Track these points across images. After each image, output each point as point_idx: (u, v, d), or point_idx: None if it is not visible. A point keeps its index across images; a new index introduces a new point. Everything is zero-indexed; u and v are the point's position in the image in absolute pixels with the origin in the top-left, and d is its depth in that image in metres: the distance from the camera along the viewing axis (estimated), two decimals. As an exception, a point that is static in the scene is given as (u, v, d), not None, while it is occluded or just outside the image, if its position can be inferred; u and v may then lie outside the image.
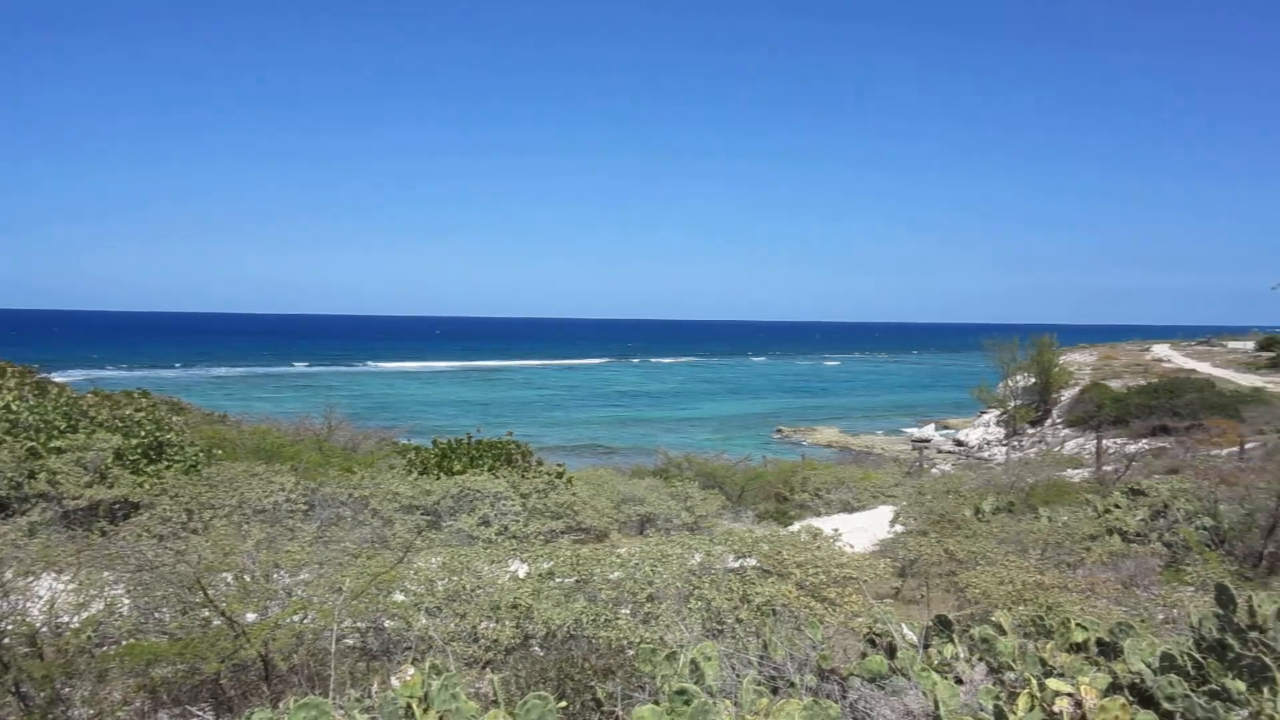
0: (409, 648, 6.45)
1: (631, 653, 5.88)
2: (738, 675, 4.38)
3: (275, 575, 7.01)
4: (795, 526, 11.39)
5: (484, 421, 44.27)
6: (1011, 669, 4.20)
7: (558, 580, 7.29)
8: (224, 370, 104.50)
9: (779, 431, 65.11)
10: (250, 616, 6.27)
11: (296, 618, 6.13)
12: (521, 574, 7.87)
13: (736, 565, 7.97)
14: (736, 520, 20.05)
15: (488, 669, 6.20)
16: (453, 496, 14.62)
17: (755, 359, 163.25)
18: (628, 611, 6.72)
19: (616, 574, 7.18)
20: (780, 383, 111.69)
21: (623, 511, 18.02)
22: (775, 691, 4.37)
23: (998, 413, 51.40)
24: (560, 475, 18.01)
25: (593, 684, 5.24)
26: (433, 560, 8.02)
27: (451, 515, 14.22)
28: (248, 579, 6.81)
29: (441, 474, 16.78)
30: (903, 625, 4.93)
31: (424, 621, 6.52)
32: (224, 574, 6.81)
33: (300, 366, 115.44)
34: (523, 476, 17.05)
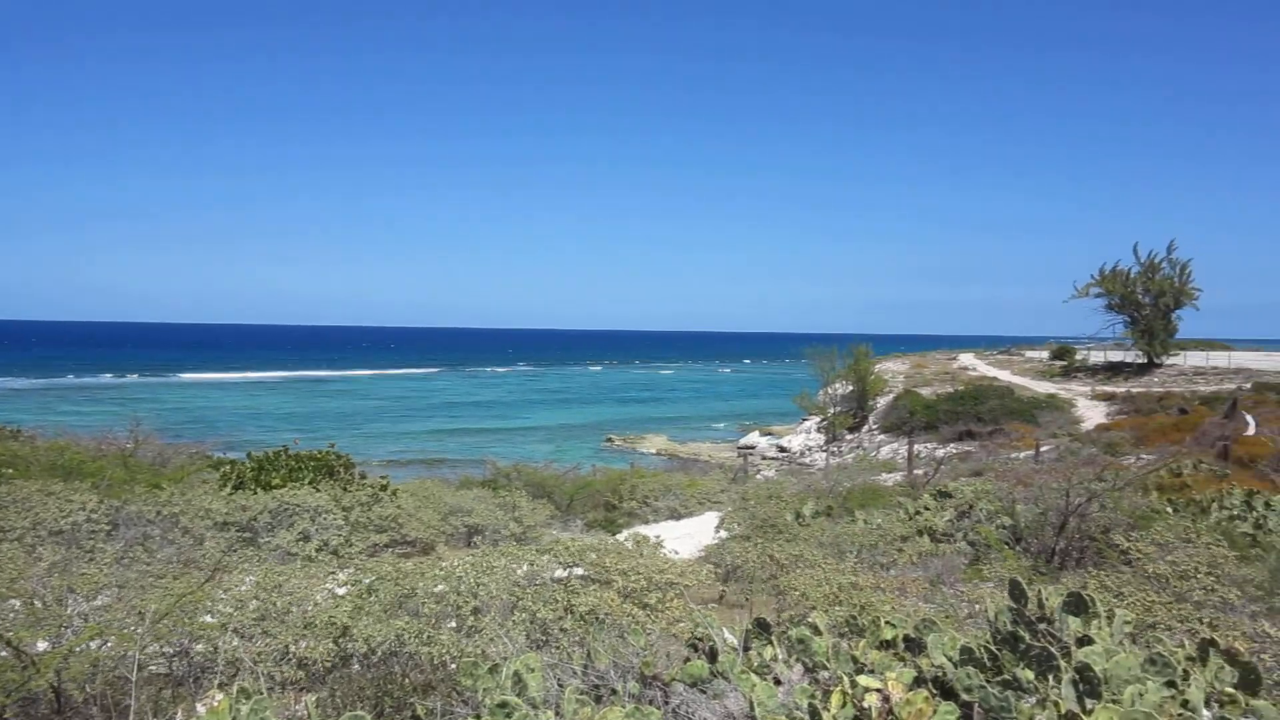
0: (219, 672, 6.15)
1: (454, 667, 5.79)
2: (561, 685, 4.38)
3: (70, 600, 6.58)
4: (623, 534, 11.48)
5: (305, 434, 42.82)
6: (826, 668, 4.35)
7: (378, 596, 7.11)
8: (20, 382, 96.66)
9: (609, 440, 65.67)
10: (41, 645, 5.88)
11: (94, 644, 5.77)
12: (341, 591, 7.64)
13: (563, 575, 7.98)
14: (565, 529, 20.10)
15: (304, 691, 5.98)
16: (270, 512, 14.08)
17: (592, 368, 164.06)
18: (453, 625, 6.62)
19: (441, 587, 7.07)
20: (613, 391, 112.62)
21: (449, 523, 17.76)
22: (599, 700, 4.39)
23: (818, 419, 53.20)
24: (384, 488, 17.63)
25: (413, 700, 5.14)
26: (246, 579, 7.68)
27: (269, 531, 13.69)
28: (38, 605, 6.37)
29: (258, 489, 16.12)
30: (724, 629, 5.04)
31: (234, 643, 6.23)
32: (11, 600, 6.36)
33: (107, 378, 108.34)
34: (345, 489, 16.57)
